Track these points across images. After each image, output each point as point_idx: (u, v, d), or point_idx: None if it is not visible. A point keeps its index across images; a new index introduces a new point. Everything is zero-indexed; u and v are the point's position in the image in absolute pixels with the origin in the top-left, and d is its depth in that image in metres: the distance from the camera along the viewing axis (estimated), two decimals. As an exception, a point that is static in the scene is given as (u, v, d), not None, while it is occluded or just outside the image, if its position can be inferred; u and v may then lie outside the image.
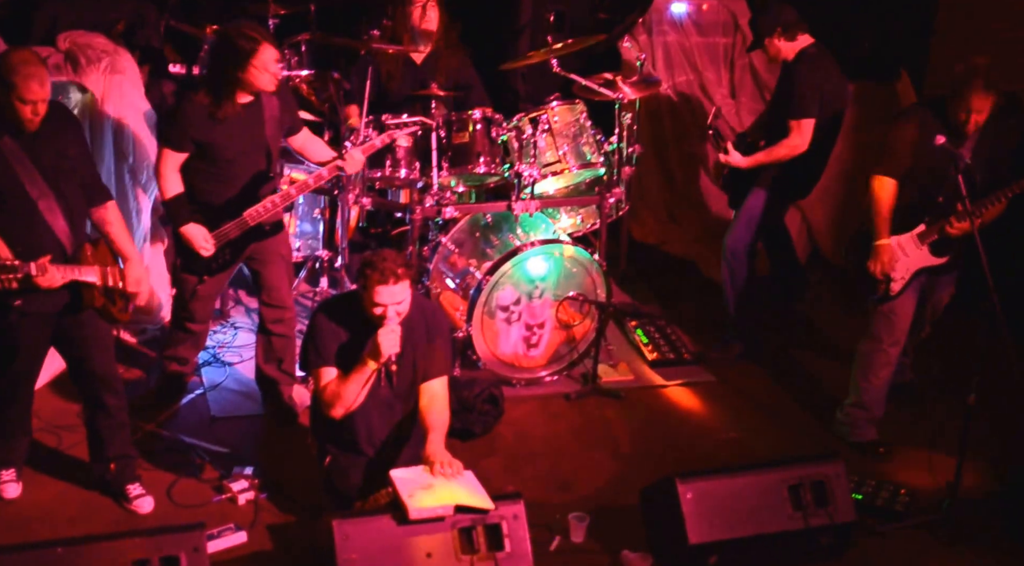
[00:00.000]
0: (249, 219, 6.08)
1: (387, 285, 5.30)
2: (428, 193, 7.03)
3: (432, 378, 5.63)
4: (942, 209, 6.29)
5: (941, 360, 7.43)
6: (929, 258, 6.43)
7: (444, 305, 7.09)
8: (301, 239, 7.67)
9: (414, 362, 5.60)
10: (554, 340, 7.15)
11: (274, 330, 6.51)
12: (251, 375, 6.74)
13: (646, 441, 6.76)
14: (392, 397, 5.64)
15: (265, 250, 6.34)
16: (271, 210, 6.11)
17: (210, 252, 6.07)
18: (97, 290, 5.46)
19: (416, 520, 5.12)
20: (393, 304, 5.35)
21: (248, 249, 6.27)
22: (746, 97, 8.91)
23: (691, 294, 8.46)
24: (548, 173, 7.22)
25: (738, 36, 8.90)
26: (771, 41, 7.06)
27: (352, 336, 5.52)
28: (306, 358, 5.62)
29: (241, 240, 6.17)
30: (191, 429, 6.52)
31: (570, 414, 6.96)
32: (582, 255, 7.03)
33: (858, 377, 6.69)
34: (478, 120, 7.06)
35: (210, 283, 6.28)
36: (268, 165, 6.19)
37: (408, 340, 5.50)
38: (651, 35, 8.82)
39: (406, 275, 5.36)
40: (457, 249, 7.24)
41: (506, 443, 6.64)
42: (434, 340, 5.64)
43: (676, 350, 7.58)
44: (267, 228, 6.22)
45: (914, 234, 6.40)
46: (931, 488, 6.31)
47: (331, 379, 5.50)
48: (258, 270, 6.42)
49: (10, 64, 5.15)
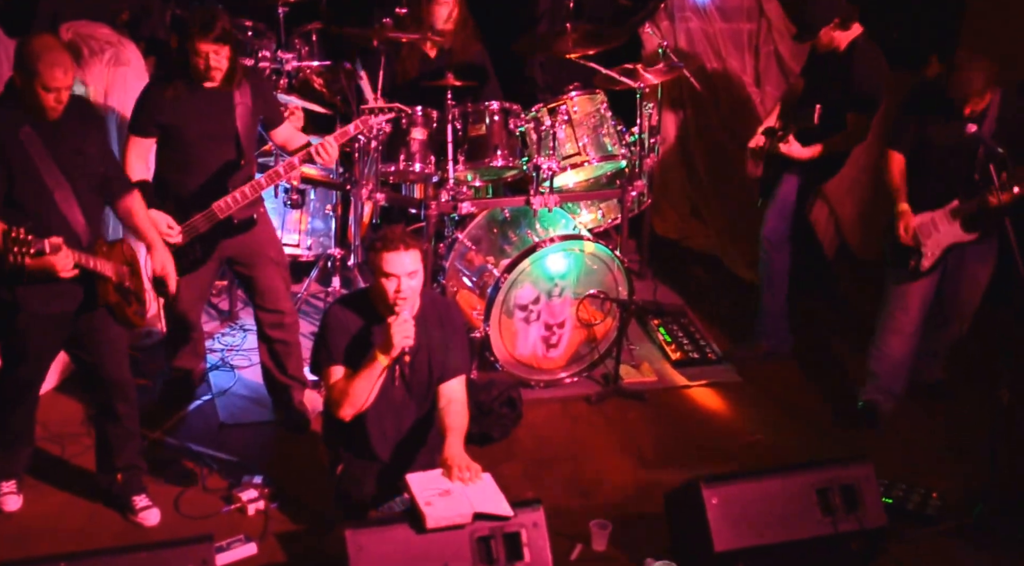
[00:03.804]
0: (218, 211, 5.95)
1: (396, 251, 5.20)
2: (444, 188, 6.91)
3: (449, 378, 5.51)
4: (976, 187, 6.30)
5: (973, 357, 7.30)
6: (961, 234, 6.45)
7: (461, 304, 6.99)
8: (313, 237, 7.55)
9: (429, 360, 5.47)
10: (574, 340, 7.04)
11: (273, 336, 6.39)
12: (260, 380, 6.62)
13: (670, 444, 6.67)
14: (406, 398, 5.51)
15: (249, 254, 6.22)
16: (241, 202, 5.98)
17: (176, 240, 5.90)
18: (111, 285, 5.34)
19: (433, 529, 5.01)
20: (404, 275, 5.22)
21: (223, 246, 6.11)
22: (771, 85, 8.75)
23: (715, 291, 8.36)
24: (568, 166, 7.12)
25: (763, 22, 8.75)
26: (827, 31, 6.92)
27: (364, 332, 5.40)
28: (317, 356, 5.50)
29: (212, 235, 6.03)
30: (198, 437, 6.40)
31: (591, 417, 6.87)
32: (603, 251, 6.92)
33: (870, 347, 6.79)
34: (495, 111, 6.95)
35: (187, 284, 6.07)
36: (238, 155, 6.04)
37: (423, 337, 5.38)
38: (673, 21, 8.67)
39: (414, 243, 5.26)
40: (474, 246, 7.14)
41: (525, 447, 6.55)
42: (450, 337, 5.52)
43: (700, 349, 7.48)
44: (236, 222, 6.05)
45: (947, 209, 6.43)
46: (963, 491, 6.23)
47: (341, 377, 5.38)
48: (247, 275, 6.30)
49: (34, 51, 5.05)
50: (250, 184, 6.00)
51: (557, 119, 7.01)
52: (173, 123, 5.92)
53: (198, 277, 6.18)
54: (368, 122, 6.32)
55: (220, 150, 6.01)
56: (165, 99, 5.90)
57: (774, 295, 7.36)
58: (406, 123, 6.89)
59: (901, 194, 6.51)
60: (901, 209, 6.48)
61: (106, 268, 5.30)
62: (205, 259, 6.11)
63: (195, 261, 6.08)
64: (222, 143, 6.01)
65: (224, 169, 6.01)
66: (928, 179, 6.49)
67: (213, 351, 7.04)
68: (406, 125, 6.90)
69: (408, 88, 7.32)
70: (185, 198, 5.98)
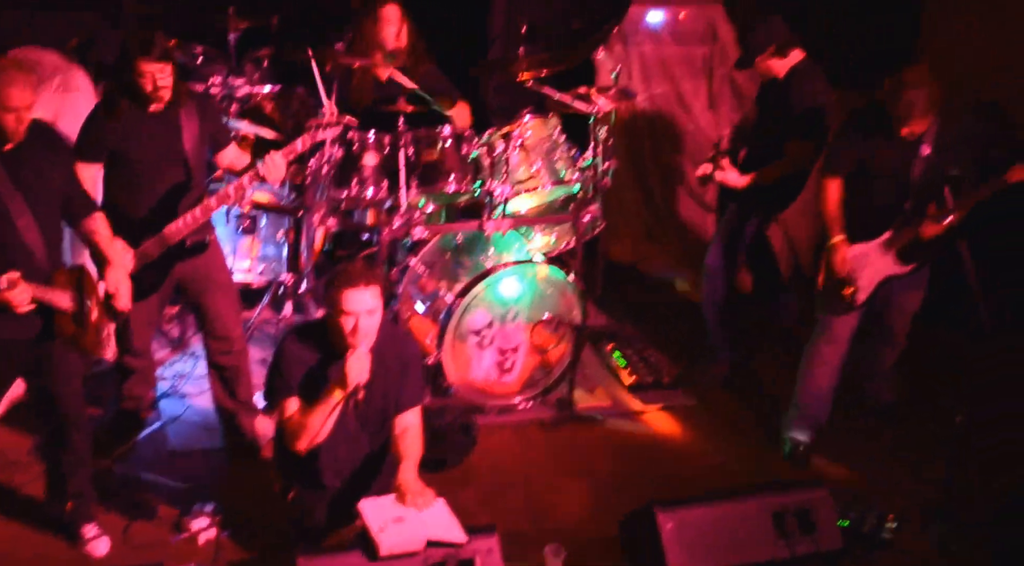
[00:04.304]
0: (169, 235, 5.89)
1: (356, 288, 5.12)
2: (396, 213, 6.83)
3: (404, 410, 5.47)
4: (909, 215, 6.26)
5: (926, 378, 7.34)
6: (896, 266, 6.39)
7: (413, 330, 6.94)
8: (264, 263, 7.48)
9: (385, 393, 5.42)
10: (528, 365, 7.01)
11: (223, 362, 6.33)
12: (211, 406, 6.55)
13: (625, 469, 6.64)
14: (360, 429, 5.45)
15: (200, 279, 6.16)
16: (192, 225, 5.91)
17: (128, 267, 5.80)
18: (68, 317, 5.26)
19: (387, 556, 4.98)
20: (364, 312, 5.15)
21: (175, 271, 6.05)
22: (725, 108, 8.79)
23: (670, 315, 8.37)
24: (521, 190, 7.05)
25: (716, 45, 8.79)
26: (762, 60, 6.89)
27: (319, 365, 5.33)
28: (271, 388, 5.43)
29: (165, 260, 5.96)
30: (149, 464, 6.33)
31: (546, 442, 6.84)
32: (557, 275, 6.90)
33: (797, 376, 6.70)
34: (448, 136, 6.89)
35: (138, 310, 6.00)
36: (188, 178, 5.98)
37: (379, 369, 5.32)
38: (627, 45, 8.70)
39: (375, 280, 5.19)
40: (427, 271, 7.09)
41: (479, 473, 6.51)
42: (406, 370, 5.47)
43: (655, 373, 7.46)
44: (188, 245, 5.99)
45: (880, 241, 6.35)
46: (919, 512, 6.22)
47: (296, 410, 5.31)
48: (197, 301, 6.24)
49: None
50: (200, 207, 5.93)
51: (510, 144, 6.95)
52: (120, 148, 5.85)
53: (149, 303, 6.11)
54: (316, 136, 6.23)
55: (169, 174, 5.95)
56: (111, 124, 5.82)
57: (721, 319, 7.38)
58: (358, 148, 6.83)
59: (837, 224, 6.37)
60: (836, 241, 6.35)
61: (63, 301, 5.22)
62: (157, 285, 6.04)
63: (147, 287, 5.99)
64: (171, 166, 5.94)
65: (173, 193, 5.94)
66: (864, 207, 6.37)
67: (163, 378, 6.97)
68: (358, 150, 6.84)
69: (361, 113, 7.28)
70: (135, 223, 5.91)
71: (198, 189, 6.02)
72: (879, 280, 6.40)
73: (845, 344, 6.55)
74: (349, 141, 6.79)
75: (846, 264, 6.33)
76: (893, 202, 6.30)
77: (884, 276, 6.40)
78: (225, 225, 7.19)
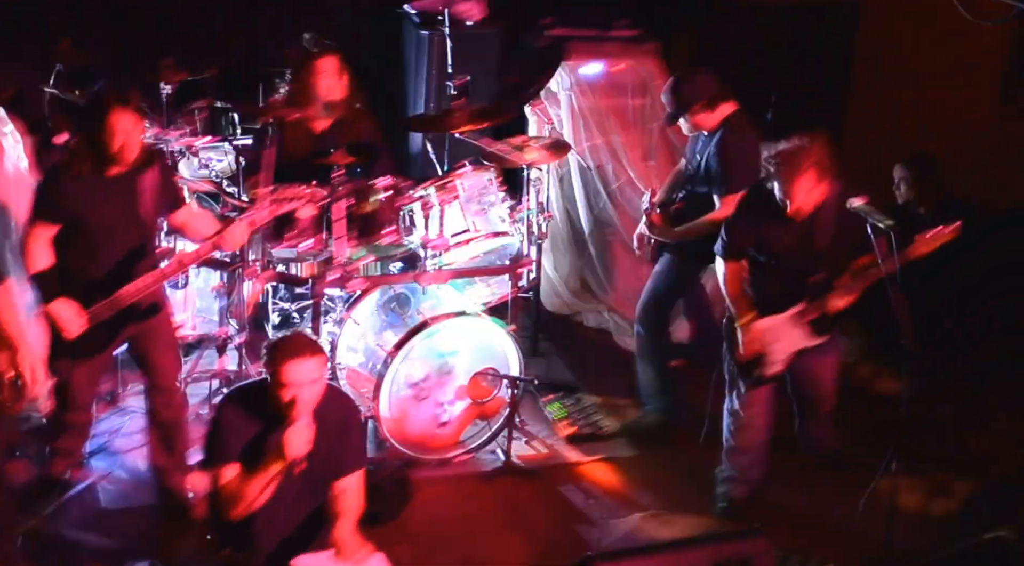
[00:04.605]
0: (122, 299, 5.82)
1: (298, 359, 5.04)
2: (332, 265, 6.80)
3: (345, 475, 5.39)
4: (820, 287, 6.18)
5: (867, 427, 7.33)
6: (808, 338, 6.31)
7: (350, 384, 6.87)
8: (199, 316, 7.41)
9: (325, 457, 5.32)
10: (466, 417, 6.97)
11: (163, 415, 6.26)
12: (143, 463, 6.48)
13: (564, 521, 6.61)
14: (299, 495, 5.35)
15: (146, 332, 6.10)
16: (145, 290, 5.86)
17: (79, 329, 5.76)
18: None
19: None
20: (306, 384, 5.07)
21: (124, 331, 5.99)
22: (661, 160, 8.80)
23: (607, 365, 8.31)
24: (457, 243, 7.03)
25: (650, 98, 8.81)
26: (692, 114, 6.91)
27: (258, 432, 5.23)
28: (208, 453, 5.34)
29: (116, 321, 5.90)
30: (79, 524, 6.21)
31: (484, 495, 6.79)
32: (493, 327, 6.89)
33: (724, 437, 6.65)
34: (384, 188, 6.87)
35: (85, 368, 5.93)
36: (143, 241, 5.94)
37: (320, 435, 5.21)
38: (562, 99, 8.70)
39: (318, 351, 5.12)
40: (363, 324, 7.04)
41: (416, 527, 6.46)
42: (348, 433, 5.40)
43: (593, 424, 7.45)
44: (143, 308, 5.94)
45: (791, 313, 6.26)
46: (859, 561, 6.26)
47: (232, 478, 5.21)
48: (141, 353, 6.19)
49: None
50: (155, 272, 5.90)
51: (446, 196, 6.97)
52: (79, 210, 5.77)
53: (96, 363, 6.07)
54: (283, 208, 6.21)
55: (125, 237, 5.89)
56: (71, 186, 5.75)
57: (654, 368, 7.40)
58: (294, 200, 6.82)
59: (743, 305, 6.28)
60: (744, 322, 6.27)
61: None
62: (106, 345, 6.01)
63: (96, 347, 5.96)
64: (127, 229, 5.88)
65: (129, 256, 5.90)
66: (772, 282, 6.28)
67: (95, 435, 6.82)
68: (294, 202, 6.83)
69: (298, 165, 7.24)
70: (89, 285, 5.85)
71: (152, 253, 5.98)
72: (793, 352, 6.34)
73: (770, 407, 6.50)
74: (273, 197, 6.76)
75: (756, 343, 6.27)
76: (801, 275, 6.21)
77: (797, 348, 6.33)
78: (160, 278, 7.12)
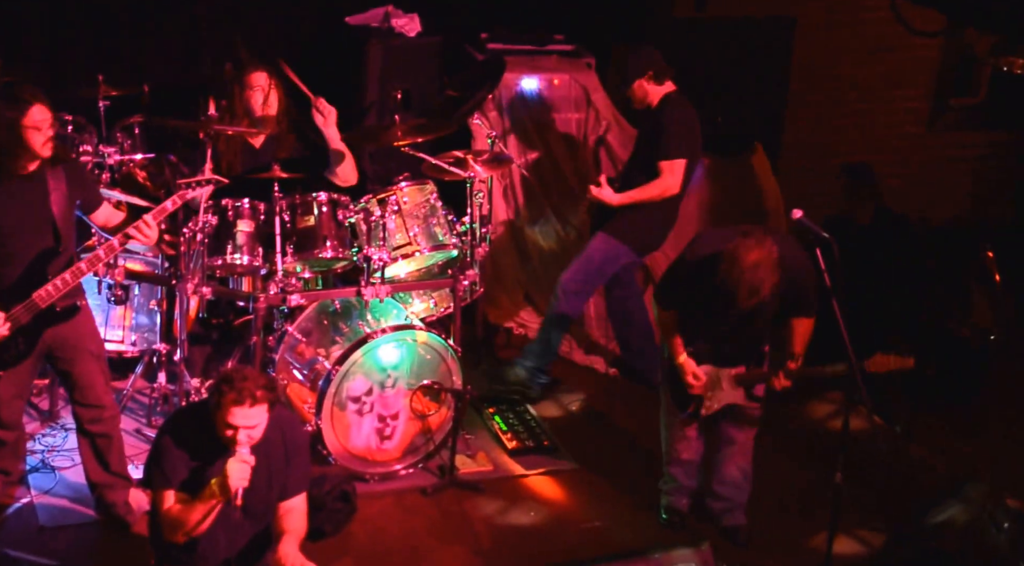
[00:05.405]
0: (39, 300, 5.75)
1: (243, 407, 5.02)
2: (272, 280, 6.78)
3: (289, 498, 5.37)
4: (763, 358, 6.32)
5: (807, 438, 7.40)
6: (742, 398, 6.35)
7: (292, 397, 6.84)
8: (137, 332, 7.31)
9: (270, 480, 5.30)
10: (409, 431, 6.93)
11: (93, 431, 6.18)
12: (83, 480, 6.37)
13: (507, 535, 6.59)
14: (243, 519, 5.31)
15: (70, 347, 6.02)
16: (62, 289, 5.78)
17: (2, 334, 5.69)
18: None
19: None
20: (246, 428, 5.05)
21: (45, 338, 5.90)
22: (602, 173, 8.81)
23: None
24: (399, 256, 7.04)
25: (591, 111, 8.86)
26: (640, 84, 7.33)
27: (201, 458, 5.20)
28: (149, 477, 5.29)
29: (34, 327, 5.82)
30: (17, 542, 6.13)
31: (427, 509, 6.75)
32: (436, 341, 6.87)
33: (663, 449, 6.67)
34: (323, 202, 6.86)
35: (8, 380, 5.84)
36: (57, 242, 5.85)
37: (264, 459, 5.20)
38: (502, 112, 8.73)
39: (265, 398, 5.07)
40: (304, 338, 7.02)
41: (359, 542, 6.41)
42: (293, 456, 5.38)
43: (536, 437, 7.43)
44: (59, 310, 5.85)
45: (731, 373, 6.28)
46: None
47: (173, 503, 5.17)
48: (66, 370, 6.10)
49: None
50: (70, 271, 5.80)
51: (387, 209, 6.94)
52: None
53: (18, 373, 5.95)
54: (185, 196, 6.10)
55: (37, 238, 5.81)
56: None
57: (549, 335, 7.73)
58: (232, 215, 6.77)
59: (678, 346, 6.22)
60: (681, 361, 6.23)
61: None
62: (27, 354, 5.89)
63: (15, 356, 5.85)
64: (38, 231, 5.81)
65: (42, 257, 5.81)
66: (710, 337, 6.22)
67: (33, 452, 6.77)
68: (232, 217, 6.78)
69: (235, 180, 7.20)
70: (3, 290, 5.76)
71: (67, 253, 5.90)
72: (725, 403, 6.33)
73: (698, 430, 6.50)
74: (223, 208, 6.73)
75: (699, 380, 6.24)
76: (741, 339, 6.22)
77: (729, 402, 6.34)
78: (97, 295, 7.03)
